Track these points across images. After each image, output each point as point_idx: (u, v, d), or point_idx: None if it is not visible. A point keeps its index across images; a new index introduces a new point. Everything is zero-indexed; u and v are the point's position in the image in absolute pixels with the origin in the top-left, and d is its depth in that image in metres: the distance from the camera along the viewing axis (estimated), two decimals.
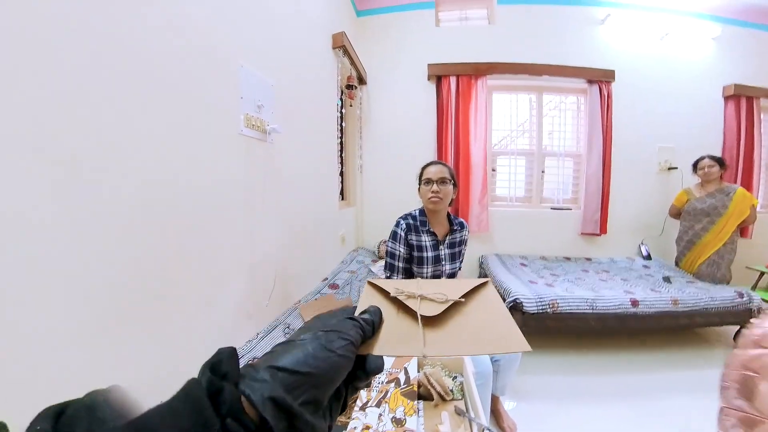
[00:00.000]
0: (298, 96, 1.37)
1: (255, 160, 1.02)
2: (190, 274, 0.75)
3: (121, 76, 0.57)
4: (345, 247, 2.24)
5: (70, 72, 0.49)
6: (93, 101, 0.52)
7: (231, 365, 0.18)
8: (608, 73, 2.50)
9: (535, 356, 1.67)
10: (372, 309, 0.28)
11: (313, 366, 0.20)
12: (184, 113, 0.72)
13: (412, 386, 0.66)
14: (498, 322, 0.29)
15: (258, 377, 0.18)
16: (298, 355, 0.20)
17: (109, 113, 0.55)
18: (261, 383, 0.18)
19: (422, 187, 1.21)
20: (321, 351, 0.21)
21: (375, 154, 2.65)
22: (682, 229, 2.27)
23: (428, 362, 0.78)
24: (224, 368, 0.18)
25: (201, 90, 0.77)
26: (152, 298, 0.64)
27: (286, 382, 0.18)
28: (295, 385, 0.19)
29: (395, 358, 0.75)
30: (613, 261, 2.52)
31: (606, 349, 1.82)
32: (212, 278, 0.83)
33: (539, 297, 1.64)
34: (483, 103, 2.48)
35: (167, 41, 0.67)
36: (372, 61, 2.55)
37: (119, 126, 0.57)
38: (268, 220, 1.09)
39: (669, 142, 2.61)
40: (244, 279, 0.98)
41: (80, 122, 0.50)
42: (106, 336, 0.55)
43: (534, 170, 2.68)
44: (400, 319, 0.29)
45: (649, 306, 1.66)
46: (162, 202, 0.67)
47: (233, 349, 0.20)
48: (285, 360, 0.20)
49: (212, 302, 0.84)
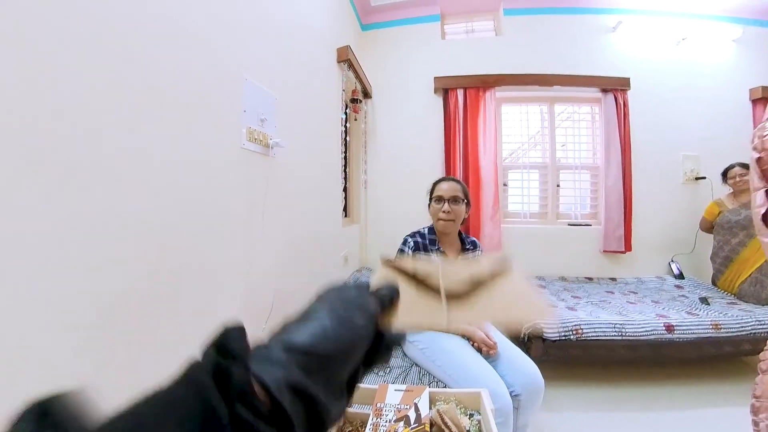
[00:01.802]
0: (302, 110, 1.40)
1: (256, 175, 1.03)
2: (182, 295, 0.74)
3: (122, 87, 0.59)
4: (348, 268, 2.21)
5: (70, 81, 0.50)
6: (92, 110, 0.53)
7: (240, 343, 0.17)
8: (623, 80, 2.52)
9: (558, 390, 1.58)
10: (389, 285, 0.27)
11: (333, 344, 0.19)
12: (185, 126, 0.74)
13: (424, 426, 0.62)
14: (522, 295, 0.32)
15: (273, 357, 0.17)
16: (316, 332, 0.19)
17: (109, 124, 0.56)
18: (276, 365, 0.16)
19: (433, 204, 1.19)
20: (341, 326, 0.20)
21: (380, 169, 2.68)
22: (717, 244, 2.19)
23: (441, 398, 0.74)
24: (232, 347, 0.16)
25: (204, 103, 0.80)
26: (138, 320, 0.62)
27: (304, 363, 0.17)
28: (314, 367, 0.17)
29: (404, 393, 0.71)
30: (640, 281, 2.43)
31: (638, 381, 1.71)
32: (205, 300, 0.82)
33: (561, 322, 1.57)
34: (492, 116, 2.51)
35: (172, 53, 0.69)
36: (377, 75, 2.63)
37: (118, 137, 0.58)
38: (268, 239, 1.08)
39: (693, 150, 2.57)
40: (240, 300, 0.96)
41: (79, 131, 0.51)
42: (88, 361, 0.53)
43: (548, 184, 2.66)
44: (420, 295, 0.31)
45: (687, 331, 1.57)
46: (157, 217, 0.67)
47: (241, 326, 0.18)
48: (301, 336, 0.19)
49: (204, 325, 0.81)
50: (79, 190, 0.51)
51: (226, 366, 0.15)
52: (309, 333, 0.19)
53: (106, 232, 0.56)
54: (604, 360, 1.59)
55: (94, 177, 0.54)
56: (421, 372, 1.09)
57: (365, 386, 0.73)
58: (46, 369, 0.47)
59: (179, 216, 0.73)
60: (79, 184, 0.51)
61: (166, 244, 0.69)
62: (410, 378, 1.07)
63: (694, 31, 2.57)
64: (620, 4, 2.59)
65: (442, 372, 1.05)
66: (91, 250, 0.54)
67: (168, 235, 0.69)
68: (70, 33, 0.50)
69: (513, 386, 1.04)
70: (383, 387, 0.72)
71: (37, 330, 0.46)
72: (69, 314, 0.50)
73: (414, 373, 1.09)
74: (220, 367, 0.15)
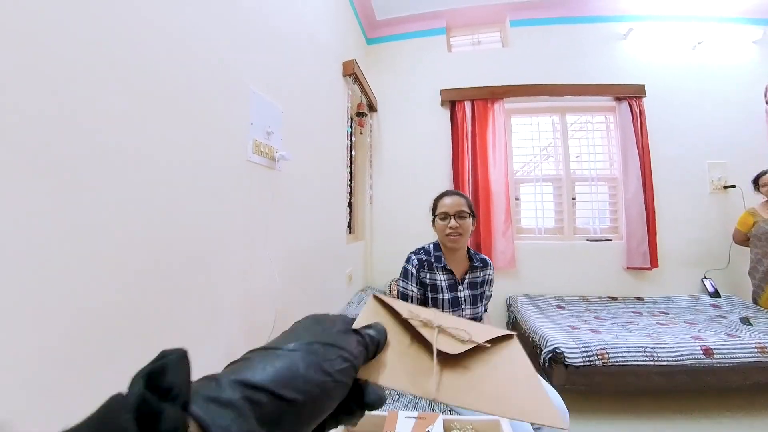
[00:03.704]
0: (307, 123, 1.45)
1: (261, 188, 1.05)
2: (181, 309, 0.74)
3: (130, 99, 0.62)
4: (352, 287, 2.19)
5: (74, 90, 0.53)
6: (97, 118, 0.55)
7: (179, 376, 0.14)
8: (638, 88, 2.55)
9: (584, 421, 1.49)
10: (378, 327, 0.25)
11: (302, 390, 0.16)
12: (193, 137, 0.76)
13: None
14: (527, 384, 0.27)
15: (222, 398, 0.14)
16: (283, 372, 0.16)
17: (115, 133, 0.58)
18: (225, 409, 0.14)
19: (438, 221, 1.18)
20: (315, 372, 0.17)
21: (386, 184, 2.71)
22: (755, 258, 2.11)
23: (456, 426, 0.71)
24: (168, 380, 0.14)
25: (212, 114, 0.83)
26: (133, 334, 0.62)
27: (262, 409, 0.15)
28: (274, 415, 0.15)
29: (416, 420, 0.68)
30: (671, 300, 2.35)
31: (674, 412, 1.60)
32: (205, 317, 0.81)
33: (584, 346, 1.51)
34: (501, 128, 2.55)
35: (181, 65, 0.73)
36: (383, 89, 2.72)
37: (124, 147, 0.60)
38: (270, 255, 1.09)
39: (719, 158, 2.54)
40: (240, 318, 0.95)
41: (82, 139, 0.53)
42: (78, 382, 0.52)
43: (563, 197, 2.65)
44: (412, 348, 0.27)
45: (728, 356, 1.49)
46: (159, 229, 0.68)
47: (184, 353, 0.15)
48: (263, 375, 0.16)
49: (203, 343, 0.81)
50: (80, 198, 0.53)
51: (156, 405, 0.13)
52: (275, 372, 0.16)
53: (106, 242, 0.57)
54: (634, 388, 1.51)
55: (96, 184, 0.55)
56: None
57: (373, 414, 0.70)
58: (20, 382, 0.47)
59: (182, 227, 0.74)
60: (80, 193, 0.53)
61: (166, 256, 0.70)
62: (421, 405, 1.03)
63: (710, 34, 2.61)
64: (630, 11, 2.66)
65: None
66: (89, 261, 0.54)
67: (169, 246, 0.70)
68: (80, 43, 0.53)
69: None
70: (393, 414, 0.69)
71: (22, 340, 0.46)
72: (60, 327, 0.50)
73: (425, 399, 1.05)
74: (147, 405, 0.12)
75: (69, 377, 0.51)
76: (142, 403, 0.12)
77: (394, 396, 1.07)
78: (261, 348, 0.19)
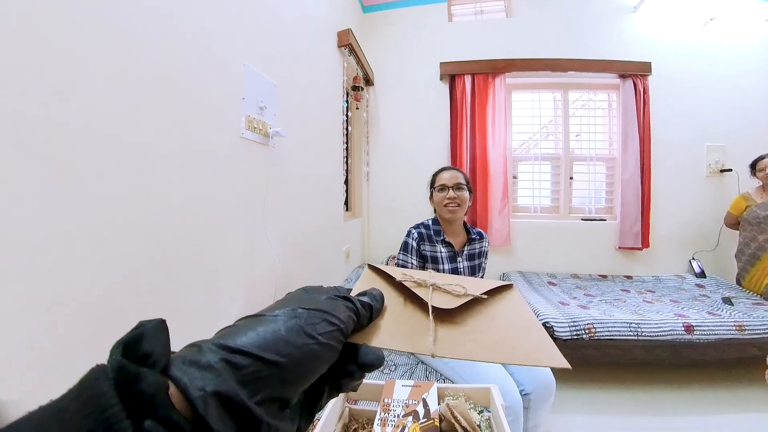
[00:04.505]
0: (302, 98, 1.41)
1: (256, 166, 1.04)
2: (182, 293, 0.76)
3: (116, 74, 0.60)
4: (350, 263, 2.23)
5: (62, 70, 0.51)
6: (83, 97, 0.54)
7: (157, 343, 0.14)
8: (644, 65, 2.51)
9: (571, 392, 1.60)
10: (374, 292, 0.26)
11: (283, 353, 0.16)
12: (183, 113, 0.75)
13: (433, 420, 0.64)
14: (528, 331, 0.27)
15: (201, 361, 0.15)
16: (265, 335, 0.17)
17: (101, 111, 0.57)
18: (203, 370, 0.14)
19: (436, 193, 1.22)
20: (297, 335, 0.17)
21: (383, 160, 2.69)
22: (743, 241, 2.18)
23: (449, 393, 0.76)
24: (146, 348, 0.14)
25: (202, 89, 0.81)
26: (134, 320, 0.64)
27: (242, 371, 0.15)
28: (254, 377, 0.15)
29: (411, 388, 0.73)
30: (658, 279, 2.44)
31: (654, 383, 1.72)
32: (207, 297, 0.84)
33: (573, 321, 1.59)
34: (501, 104, 2.51)
35: (168, 37, 0.71)
36: (380, 61, 2.63)
37: (111, 126, 0.59)
38: (269, 232, 1.10)
39: (719, 141, 2.55)
40: (242, 297, 0.98)
41: (68, 119, 0.52)
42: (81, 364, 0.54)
43: (561, 177, 2.66)
44: (407, 309, 0.27)
45: (708, 332, 1.58)
46: (153, 210, 0.68)
47: (161, 321, 0.16)
48: (244, 339, 0.16)
49: (204, 324, 0.84)
50: (71, 182, 0.53)
51: (134, 370, 0.13)
52: (256, 335, 0.17)
53: (100, 227, 0.57)
54: (618, 361, 1.61)
55: (85, 168, 0.55)
56: (428, 369, 1.12)
57: (371, 382, 0.75)
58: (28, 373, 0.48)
59: (177, 208, 0.74)
60: (71, 176, 0.53)
61: (163, 238, 0.70)
62: (416, 375, 1.09)
63: (723, 10, 2.52)
64: None
65: (449, 369, 1.07)
66: (85, 245, 0.55)
67: (165, 228, 0.71)
68: (63, 18, 0.51)
69: (522, 385, 1.06)
70: (390, 383, 0.74)
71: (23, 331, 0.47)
72: (62, 312, 0.52)
73: (420, 370, 1.11)
74: (125, 372, 0.13)
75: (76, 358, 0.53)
76: (120, 369, 0.13)
77: (391, 366, 1.13)
78: (249, 315, 0.19)
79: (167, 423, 0.12)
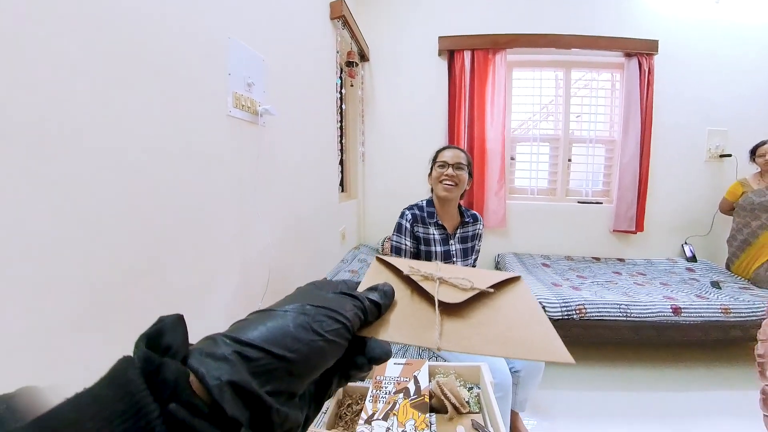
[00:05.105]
0: (293, 74, 1.37)
1: (245, 145, 1.02)
2: (173, 274, 0.76)
3: (91, 49, 0.57)
4: (345, 244, 2.25)
5: (32, 45, 0.49)
6: (56, 76, 0.52)
7: (176, 336, 0.16)
8: (651, 44, 2.44)
9: (559, 369, 1.67)
10: (385, 288, 0.26)
11: (291, 349, 0.18)
12: (165, 90, 0.72)
13: (424, 397, 0.67)
14: (534, 324, 0.27)
15: (217, 353, 0.16)
16: (274, 330, 0.18)
17: (76, 92, 0.54)
18: (219, 361, 0.16)
19: (435, 170, 1.21)
20: (304, 331, 0.19)
21: (379, 140, 2.65)
22: (736, 227, 2.22)
23: (440, 371, 0.79)
24: (167, 341, 0.16)
25: (183, 64, 0.77)
26: (128, 305, 0.64)
27: (253, 363, 0.17)
28: (264, 369, 0.17)
29: (403, 366, 0.76)
30: (650, 262, 2.50)
31: (641, 362, 1.81)
32: (199, 280, 0.84)
33: (564, 301, 1.64)
34: (501, 81, 2.46)
35: (141, 7, 0.67)
36: (375, 35, 2.53)
37: (85, 105, 0.56)
38: (261, 214, 1.09)
39: (721, 125, 2.53)
40: (235, 279, 0.99)
41: (40, 100, 0.49)
42: (74, 347, 0.54)
43: (559, 158, 2.66)
44: (414, 302, 0.28)
45: (694, 314, 1.64)
46: (138, 194, 0.66)
47: (179, 316, 0.17)
48: (255, 333, 0.18)
49: (198, 306, 0.85)
50: (45, 166, 0.50)
51: (158, 360, 0.14)
52: (266, 330, 0.18)
53: (83, 215, 0.56)
54: (606, 340, 1.67)
55: (57, 152, 0.51)
56: (420, 348, 1.15)
57: None
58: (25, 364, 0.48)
59: (164, 189, 0.72)
60: (44, 160, 0.50)
61: (151, 224, 0.69)
62: (410, 353, 1.13)
63: None
64: None
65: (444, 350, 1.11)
66: (70, 234, 0.54)
67: (153, 213, 0.69)
68: None
69: (512, 362, 1.10)
70: None
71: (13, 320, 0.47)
72: (49, 301, 0.51)
73: (413, 348, 1.15)
74: (151, 362, 0.14)
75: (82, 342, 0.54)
76: (145, 360, 0.14)
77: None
78: (259, 310, 0.20)
79: (188, 406, 0.14)
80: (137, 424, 0.13)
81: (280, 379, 0.17)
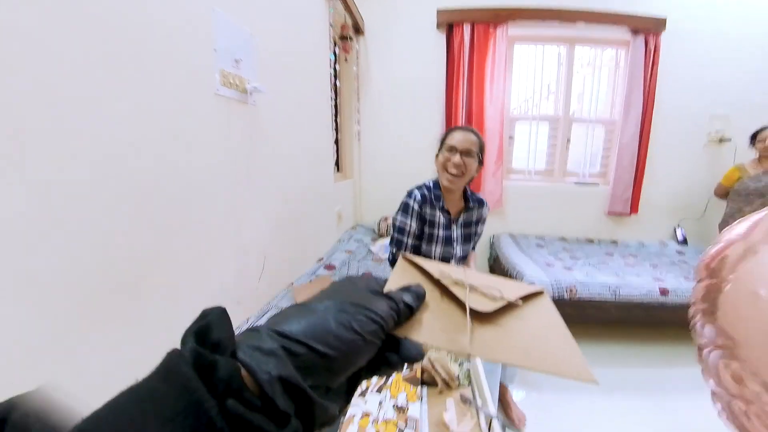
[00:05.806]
0: (283, 49, 1.32)
1: (235, 125, 1.00)
2: (167, 261, 0.76)
3: (68, 25, 0.55)
4: (342, 225, 2.26)
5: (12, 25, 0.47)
6: (35, 56, 0.50)
7: (223, 331, 0.17)
8: (658, 21, 2.38)
9: None
10: (418, 290, 0.27)
11: (333, 346, 0.19)
12: (145, 68, 0.69)
13: (416, 372, 0.71)
14: (559, 340, 0.29)
15: (264, 347, 0.17)
16: (316, 327, 0.19)
17: (57, 74, 0.52)
18: (267, 356, 0.16)
19: (443, 152, 1.14)
20: (345, 330, 0.20)
21: (375, 118, 2.61)
22: (728, 212, 2.23)
23: (431, 347, 0.82)
24: (215, 335, 0.16)
25: (166, 40, 0.74)
26: (123, 292, 0.64)
27: (298, 358, 0.17)
28: (307, 364, 0.18)
29: None
30: (642, 245, 2.56)
31: (628, 340, 1.89)
32: (194, 263, 0.85)
33: (556, 281, 1.69)
34: (502, 57, 2.40)
35: None
36: (370, 6, 2.43)
37: (67, 85, 0.54)
38: (255, 196, 1.09)
39: (723, 109, 2.51)
40: (231, 261, 1.00)
41: (21, 81, 0.48)
42: (70, 335, 0.55)
43: (558, 139, 2.64)
44: (444, 304, 0.29)
45: (681, 295, 1.70)
46: (125, 179, 0.65)
47: (223, 310, 0.18)
48: (298, 327, 0.19)
49: (195, 290, 0.86)
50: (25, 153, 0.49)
51: (210, 357, 0.15)
52: (309, 326, 0.19)
53: (71, 202, 0.55)
54: (595, 319, 1.74)
55: (40, 138, 0.50)
56: None
57: None
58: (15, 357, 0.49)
59: (152, 173, 0.71)
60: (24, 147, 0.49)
61: (140, 211, 0.68)
62: None
63: None
64: None
65: None
66: (59, 222, 0.53)
67: (141, 201, 0.68)
68: None
69: None
70: None
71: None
72: (40, 291, 0.51)
73: None
74: (202, 358, 0.15)
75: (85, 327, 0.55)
76: (198, 357, 0.15)
77: None
78: (298, 304, 0.21)
79: (243, 401, 0.15)
80: (199, 421, 0.13)
81: (319, 374, 0.18)
